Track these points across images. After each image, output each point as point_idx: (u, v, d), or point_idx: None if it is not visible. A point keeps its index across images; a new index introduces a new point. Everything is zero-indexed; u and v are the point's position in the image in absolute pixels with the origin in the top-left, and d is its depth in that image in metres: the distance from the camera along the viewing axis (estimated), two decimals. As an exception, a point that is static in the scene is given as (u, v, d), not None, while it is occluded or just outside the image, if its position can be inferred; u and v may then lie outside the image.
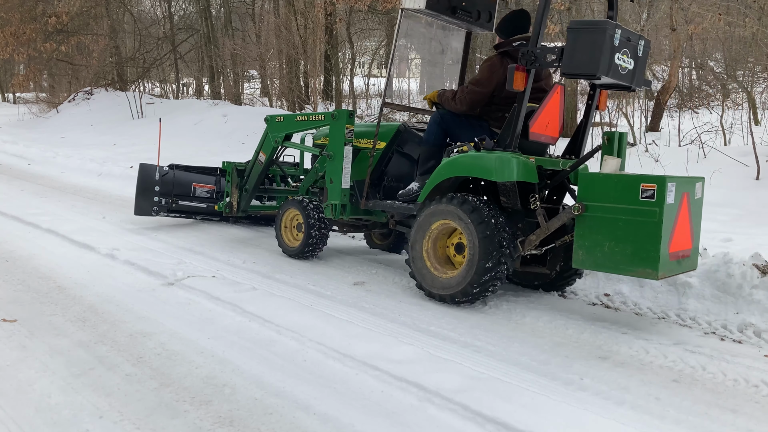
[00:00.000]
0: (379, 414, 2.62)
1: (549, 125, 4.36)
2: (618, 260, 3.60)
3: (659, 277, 3.51)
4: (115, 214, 6.95)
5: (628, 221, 3.56)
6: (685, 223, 3.72)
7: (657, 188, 3.48)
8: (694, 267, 3.95)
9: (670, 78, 11.87)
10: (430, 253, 4.28)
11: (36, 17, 19.05)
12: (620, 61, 3.89)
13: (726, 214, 6.52)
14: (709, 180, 7.57)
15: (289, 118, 5.69)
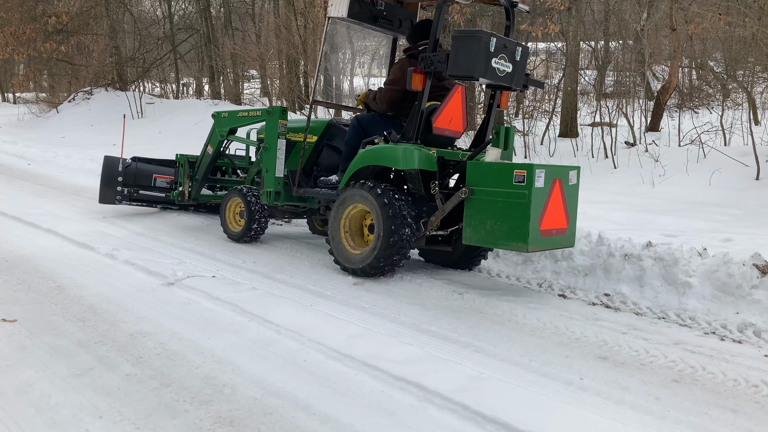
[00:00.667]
0: (379, 414, 2.62)
1: (452, 121, 4.91)
2: (497, 236, 4.17)
3: (529, 250, 4.08)
4: (115, 215, 6.95)
5: (504, 202, 4.14)
6: (558, 205, 4.26)
7: (527, 174, 4.04)
8: (572, 244, 4.51)
9: (670, 78, 11.88)
10: (346, 232, 4.83)
11: (36, 17, 19.06)
12: (497, 65, 4.47)
13: (726, 214, 6.52)
14: (709, 180, 7.58)
15: (233, 114, 6.23)
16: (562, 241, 4.38)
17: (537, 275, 4.78)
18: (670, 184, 7.77)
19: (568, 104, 11.90)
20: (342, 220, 4.80)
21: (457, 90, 4.89)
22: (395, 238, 4.46)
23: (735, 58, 13.15)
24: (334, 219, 4.83)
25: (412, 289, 4.42)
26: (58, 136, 15.89)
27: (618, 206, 7.03)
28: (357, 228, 4.86)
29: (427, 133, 4.73)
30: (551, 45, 17.70)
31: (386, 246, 4.47)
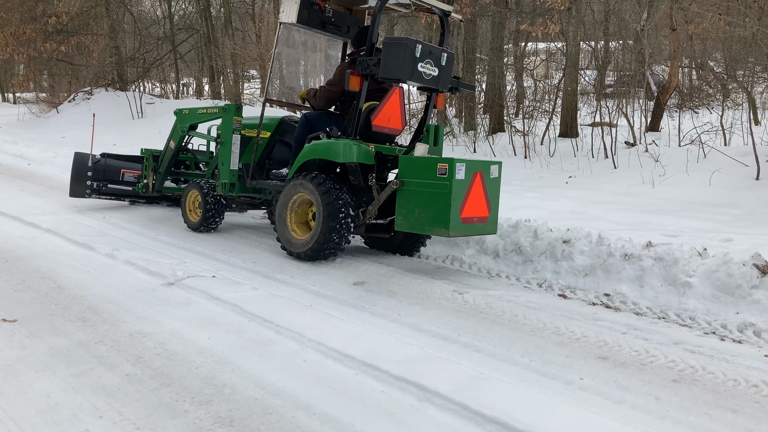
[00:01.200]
0: (379, 414, 2.62)
1: (391, 119, 5.32)
2: (424, 223, 4.62)
3: (450, 235, 4.52)
4: (115, 215, 6.96)
5: (429, 193, 4.59)
6: (479, 195, 4.71)
7: (448, 167, 4.49)
8: (494, 231, 4.98)
9: (670, 78, 11.88)
10: (292, 220, 5.26)
11: (36, 17, 19.06)
12: (423, 69, 4.98)
13: (726, 214, 6.52)
14: (709, 180, 7.58)
15: (193, 111, 6.71)
16: (483, 228, 4.83)
17: (537, 275, 4.78)
18: (670, 184, 7.77)
19: (568, 104, 11.89)
20: (288, 209, 5.24)
21: (395, 91, 5.27)
22: (333, 225, 4.88)
23: (735, 58, 13.14)
24: (281, 208, 5.26)
25: (413, 289, 4.42)
26: (58, 136, 15.88)
27: (618, 206, 7.03)
28: (302, 216, 5.29)
29: (367, 130, 5.19)
30: (551, 45, 17.70)
31: (325, 232, 4.89)
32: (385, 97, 5.24)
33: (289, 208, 5.23)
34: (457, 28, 14.44)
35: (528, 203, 7.12)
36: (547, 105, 13.65)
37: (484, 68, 15.04)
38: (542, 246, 4.93)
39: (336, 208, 4.89)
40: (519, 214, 5.88)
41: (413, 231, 4.85)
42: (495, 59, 13.17)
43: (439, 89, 5.29)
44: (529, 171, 9.58)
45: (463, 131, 13.38)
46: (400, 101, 5.36)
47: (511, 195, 7.78)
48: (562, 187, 8.28)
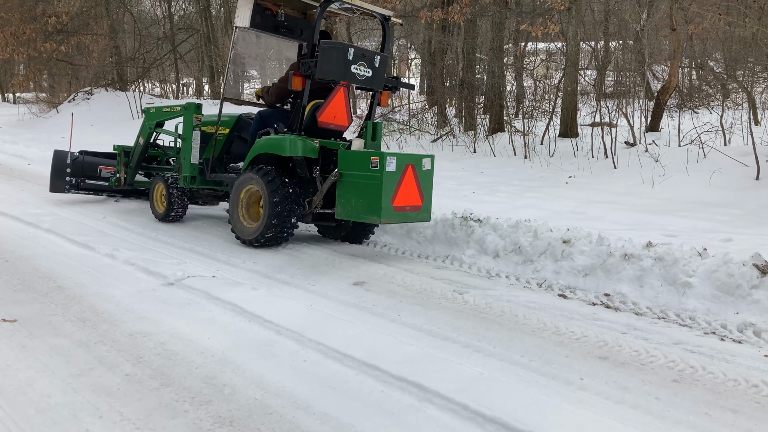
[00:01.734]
0: (379, 414, 2.62)
1: (337, 116, 5.68)
2: (359, 211, 5.06)
3: (382, 222, 4.95)
4: (115, 215, 6.96)
5: (364, 183, 5.01)
6: (412, 186, 5.12)
7: (380, 160, 4.91)
8: (427, 219, 5.38)
9: (670, 78, 11.88)
10: (243, 209, 5.65)
11: (36, 17, 19.06)
12: (357, 70, 5.43)
13: (726, 214, 6.52)
14: (709, 180, 7.58)
15: (159, 109, 7.14)
16: (417, 216, 5.27)
17: (537, 275, 4.78)
18: (670, 184, 7.77)
19: (568, 104, 11.89)
20: (240, 199, 5.64)
21: (340, 90, 5.61)
22: (278, 214, 5.30)
23: (735, 58, 13.14)
24: (234, 198, 5.66)
25: (413, 289, 4.42)
26: (58, 136, 15.87)
27: (618, 206, 7.03)
28: (253, 206, 5.68)
29: (314, 126, 5.58)
30: (551, 45, 17.70)
31: (271, 221, 5.30)
32: (330, 95, 5.58)
33: (241, 199, 5.64)
34: (457, 28, 14.44)
35: (528, 203, 7.13)
36: (547, 105, 13.66)
37: (484, 68, 15.04)
38: (542, 246, 4.93)
39: (281, 199, 5.29)
40: (519, 214, 5.88)
41: (351, 219, 5.24)
42: (495, 59, 13.17)
43: (372, 89, 5.78)
44: (529, 171, 9.58)
45: (463, 131, 13.38)
46: (345, 99, 5.71)
47: (511, 195, 7.79)
48: (562, 187, 8.28)
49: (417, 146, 12.62)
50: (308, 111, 5.56)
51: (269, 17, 6.17)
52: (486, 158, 10.83)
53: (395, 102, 17.65)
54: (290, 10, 6.33)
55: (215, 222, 6.78)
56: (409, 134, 13.87)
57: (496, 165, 10.26)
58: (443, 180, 9.15)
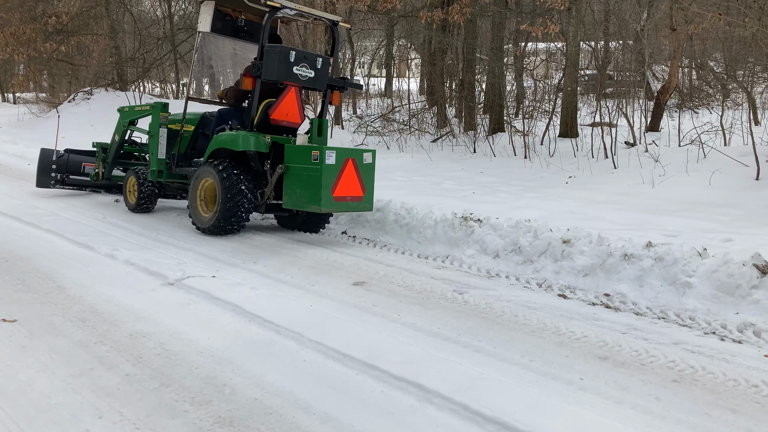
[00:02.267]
0: (379, 414, 2.62)
1: (289, 114, 6.14)
2: (303, 200, 5.52)
3: (322, 210, 5.45)
4: (115, 215, 6.96)
5: (306, 175, 5.48)
6: (352, 177, 5.57)
7: (319, 154, 5.38)
8: (369, 209, 5.87)
9: (670, 78, 11.88)
10: (201, 200, 6.09)
11: (36, 17, 19.05)
12: (299, 71, 5.88)
13: (726, 214, 6.52)
14: (709, 180, 7.58)
15: (131, 108, 7.70)
16: (358, 206, 5.73)
17: (537, 275, 4.78)
18: (670, 184, 7.77)
19: (568, 104, 11.89)
20: (198, 190, 6.09)
21: (291, 90, 6.04)
22: (231, 205, 5.71)
23: (735, 58, 13.14)
24: (192, 190, 6.12)
25: (413, 289, 4.42)
26: (58, 135, 15.85)
27: (618, 206, 7.03)
28: (210, 197, 6.04)
29: (267, 123, 6.05)
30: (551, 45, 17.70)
31: (224, 211, 5.73)
32: (281, 94, 6.03)
33: (199, 190, 6.11)
34: (457, 28, 14.43)
35: (528, 203, 7.13)
36: (547, 105, 13.66)
37: (484, 68, 15.04)
38: (542, 246, 4.93)
39: (233, 190, 5.71)
40: (519, 214, 5.88)
41: (296, 208, 5.70)
42: (495, 59, 13.17)
43: (316, 88, 6.28)
44: (529, 171, 9.58)
45: (463, 131, 13.38)
46: (297, 98, 6.14)
47: (511, 195, 7.79)
48: (562, 187, 8.28)
49: (417, 146, 12.62)
50: (261, 109, 6.04)
51: (229, 22, 6.66)
52: (486, 158, 10.83)
53: (395, 102, 17.65)
54: (250, 15, 6.74)
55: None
56: (409, 134, 13.87)
57: (496, 165, 10.26)
58: (443, 180, 9.16)
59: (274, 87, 6.00)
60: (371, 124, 14.88)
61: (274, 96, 6.07)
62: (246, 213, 5.85)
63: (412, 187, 8.43)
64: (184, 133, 6.79)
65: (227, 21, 6.61)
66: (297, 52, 5.88)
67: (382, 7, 12.32)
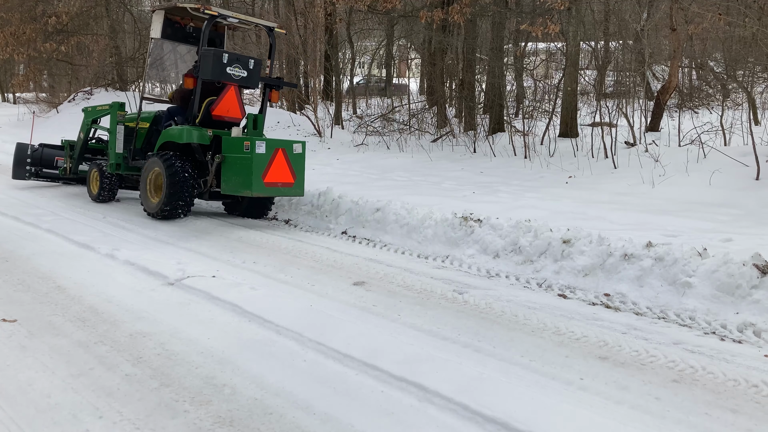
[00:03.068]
0: (379, 414, 2.62)
1: (230, 110, 6.83)
2: (237, 186, 6.23)
3: (253, 194, 6.18)
4: (115, 215, 6.96)
5: (239, 164, 6.18)
6: (283, 166, 6.26)
7: (250, 144, 6.09)
8: (301, 194, 6.58)
9: (670, 78, 11.87)
10: (150, 187, 6.74)
11: (36, 17, 19.04)
12: (232, 71, 6.65)
13: (726, 214, 6.51)
14: (709, 180, 7.58)
15: (93, 108, 8.41)
16: (289, 191, 6.41)
17: (537, 275, 4.78)
18: (670, 184, 7.77)
19: (568, 104, 11.89)
20: (147, 179, 6.74)
21: (230, 88, 6.76)
22: (174, 191, 6.37)
23: (735, 58, 13.15)
24: (143, 179, 6.78)
25: (413, 289, 4.42)
26: (58, 136, 15.85)
27: (618, 206, 7.03)
28: (158, 185, 6.67)
29: (210, 119, 6.72)
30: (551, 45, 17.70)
31: (169, 196, 6.38)
32: (221, 92, 6.75)
33: (148, 179, 6.74)
34: (457, 28, 14.43)
35: (528, 203, 7.12)
36: (547, 105, 13.66)
37: (484, 68, 15.04)
38: (542, 246, 4.93)
39: (176, 178, 6.35)
40: (519, 214, 5.88)
41: (232, 193, 6.39)
42: (495, 59, 13.16)
43: (250, 86, 7.14)
44: (529, 171, 9.58)
45: (463, 131, 13.38)
46: (236, 96, 6.85)
47: (511, 195, 7.78)
48: (562, 187, 8.28)
49: (417, 146, 12.62)
50: (204, 106, 6.74)
51: (179, 29, 7.45)
52: (486, 158, 10.83)
53: (395, 102, 17.65)
54: (198, 23, 7.36)
55: (216, 223, 6.78)
56: (409, 134, 13.87)
57: (496, 165, 10.26)
58: (443, 180, 9.15)
59: (215, 86, 6.74)
60: (371, 124, 14.87)
61: (215, 94, 6.78)
62: (189, 199, 6.52)
63: (412, 187, 8.43)
64: (140, 130, 7.47)
65: (177, 28, 7.41)
66: (230, 54, 6.73)
67: (382, 7, 12.31)
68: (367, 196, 6.89)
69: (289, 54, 17.06)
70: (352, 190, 7.67)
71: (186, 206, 6.54)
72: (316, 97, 15.96)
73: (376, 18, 18.71)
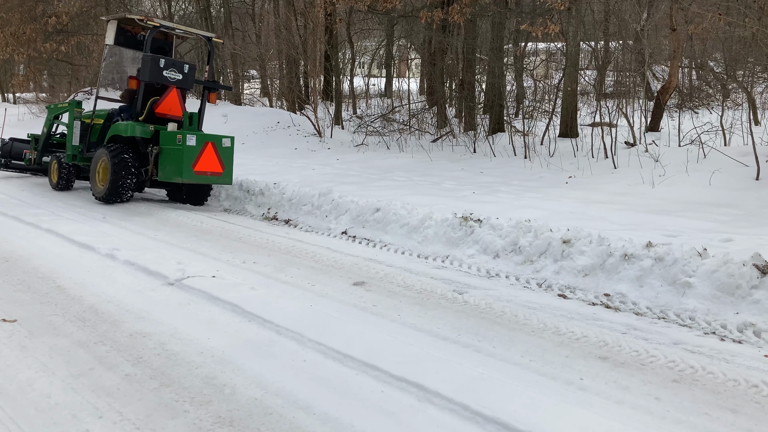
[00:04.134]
0: (379, 414, 2.62)
1: (172, 109, 7.86)
2: (171, 174, 7.31)
3: (184, 180, 7.29)
4: (115, 215, 6.96)
5: (174, 154, 7.27)
6: (212, 157, 7.33)
7: (182, 138, 7.19)
8: (229, 182, 7.71)
9: (670, 78, 11.87)
10: (98, 175, 7.69)
11: (36, 17, 19.05)
12: (168, 74, 7.82)
13: (726, 214, 6.51)
14: (709, 180, 7.58)
15: (55, 105, 9.41)
16: (218, 179, 7.51)
17: (537, 275, 4.78)
18: (670, 184, 7.77)
19: (568, 104, 11.89)
20: (97, 168, 7.71)
21: (172, 89, 7.88)
22: (117, 178, 7.36)
23: (735, 58, 13.15)
24: (92, 168, 7.76)
25: (413, 289, 4.42)
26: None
27: (618, 206, 7.03)
28: (104, 173, 7.58)
29: (153, 116, 7.78)
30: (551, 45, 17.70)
31: (113, 182, 7.38)
32: (164, 93, 7.85)
33: (97, 167, 7.70)
34: (457, 28, 14.43)
35: (528, 203, 7.12)
36: (547, 105, 13.66)
37: (484, 68, 15.04)
38: (542, 246, 4.92)
39: (119, 167, 7.35)
40: (519, 214, 5.88)
41: (167, 180, 7.42)
42: (495, 59, 13.16)
43: (186, 88, 8.16)
44: (529, 171, 9.58)
45: (463, 131, 13.38)
46: (178, 96, 7.95)
47: (511, 195, 7.79)
48: (562, 187, 8.28)
49: (417, 146, 12.62)
50: (149, 105, 7.78)
51: (130, 37, 8.35)
52: (486, 158, 10.83)
53: (395, 102, 17.65)
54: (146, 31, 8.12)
55: (216, 223, 6.78)
56: (409, 134, 13.87)
57: (496, 165, 10.26)
58: (443, 180, 9.15)
59: (158, 87, 7.83)
60: (371, 124, 14.87)
61: (159, 94, 7.86)
62: (130, 185, 7.49)
63: (412, 187, 8.43)
64: (96, 126, 8.40)
65: (128, 36, 8.34)
66: (166, 60, 7.81)
67: (382, 7, 12.31)
68: (367, 196, 6.89)
69: (289, 54, 17.05)
70: (352, 190, 7.68)
71: (127, 190, 7.49)
72: (316, 97, 15.96)
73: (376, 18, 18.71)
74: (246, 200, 7.79)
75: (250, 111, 17.76)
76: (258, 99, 20.90)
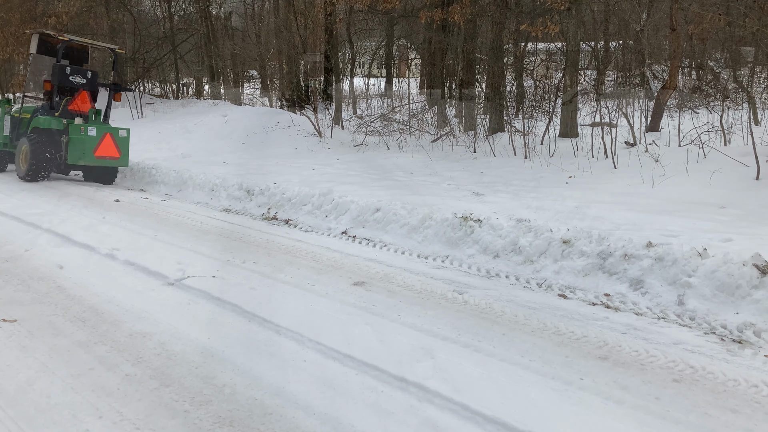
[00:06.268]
0: (379, 414, 2.62)
1: (81, 106, 9.75)
2: (77, 158, 9.23)
3: (87, 163, 9.33)
4: (115, 215, 6.96)
5: (79, 142, 9.20)
6: (110, 145, 9.39)
7: (84, 129, 9.16)
8: (125, 165, 9.76)
9: (670, 78, 11.88)
10: (22, 159, 9.44)
11: (36, 17, 19.05)
12: (74, 79, 9.82)
13: (726, 214, 6.51)
14: (709, 180, 7.58)
15: None
16: (115, 162, 9.52)
17: (537, 275, 4.78)
18: (670, 184, 7.77)
19: (568, 104, 11.89)
20: (21, 153, 9.49)
21: (82, 91, 9.83)
22: (35, 161, 9.19)
23: (735, 58, 13.15)
24: (18, 153, 9.61)
25: (413, 289, 4.42)
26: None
27: (618, 206, 7.02)
28: (26, 157, 9.29)
29: (67, 112, 9.58)
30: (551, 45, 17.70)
31: (32, 164, 9.21)
32: (76, 94, 9.74)
33: (21, 152, 9.47)
34: (457, 28, 14.44)
35: (528, 203, 7.12)
36: (547, 105, 13.66)
37: (484, 68, 15.04)
38: (542, 246, 4.93)
39: (37, 153, 9.18)
40: (519, 214, 5.88)
41: (75, 163, 9.36)
42: (495, 59, 13.17)
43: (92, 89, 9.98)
44: (529, 171, 9.58)
45: (463, 131, 13.38)
46: (88, 96, 9.84)
47: (511, 195, 7.79)
48: (562, 187, 8.28)
49: (417, 146, 12.62)
50: (64, 102, 9.58)
51: (51, 47, 9.93)
52: (486, 158, 10.83)
53: (395, 102, 17.65)
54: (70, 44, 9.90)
55: (216, 223, 6.78)
56: (409, 134, 13.87)
57: (496, 165, 10.26)
58: (443, 180, 9.15)
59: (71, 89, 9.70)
60: (371, 124, 14.87)
61: (72, 94, 9.73)
62: (47, 167, 9.34)
63: (412, 187, 8.43)
64: (24, 119, 9.95)
65: (49, 46, 9.96)
66: (72, 67, 9.77)
67: (382, 7, 12.31)
68: (367, 196, 6.89)
69: (289, 54, 17.06)
70: (353, 190, 7.68)
71: (44, 171, 9.32)
72: (315, 97, 15.97)
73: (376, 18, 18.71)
74: (246, 200, 7.80)
75: (250, 111, 17.76)
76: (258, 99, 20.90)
